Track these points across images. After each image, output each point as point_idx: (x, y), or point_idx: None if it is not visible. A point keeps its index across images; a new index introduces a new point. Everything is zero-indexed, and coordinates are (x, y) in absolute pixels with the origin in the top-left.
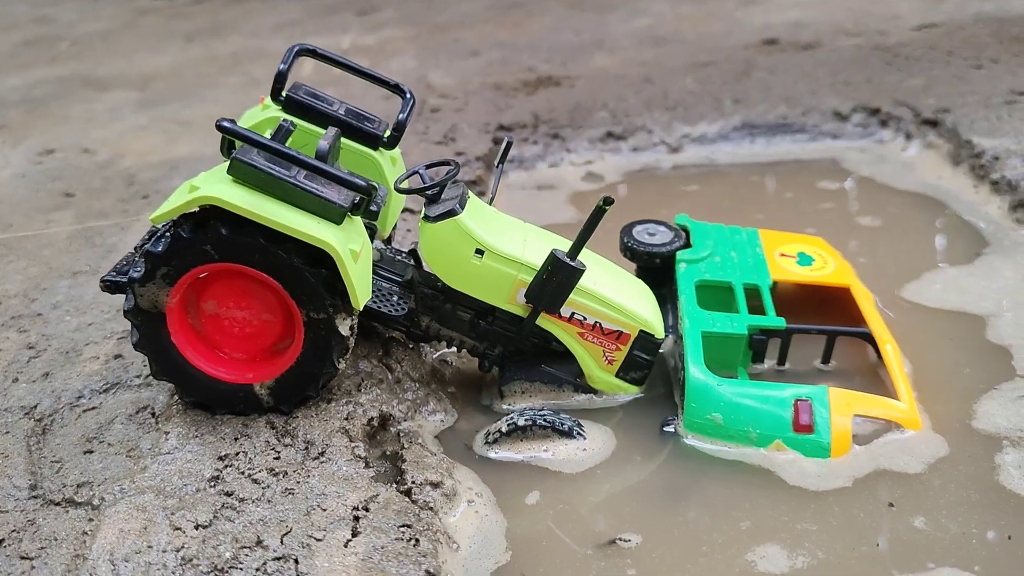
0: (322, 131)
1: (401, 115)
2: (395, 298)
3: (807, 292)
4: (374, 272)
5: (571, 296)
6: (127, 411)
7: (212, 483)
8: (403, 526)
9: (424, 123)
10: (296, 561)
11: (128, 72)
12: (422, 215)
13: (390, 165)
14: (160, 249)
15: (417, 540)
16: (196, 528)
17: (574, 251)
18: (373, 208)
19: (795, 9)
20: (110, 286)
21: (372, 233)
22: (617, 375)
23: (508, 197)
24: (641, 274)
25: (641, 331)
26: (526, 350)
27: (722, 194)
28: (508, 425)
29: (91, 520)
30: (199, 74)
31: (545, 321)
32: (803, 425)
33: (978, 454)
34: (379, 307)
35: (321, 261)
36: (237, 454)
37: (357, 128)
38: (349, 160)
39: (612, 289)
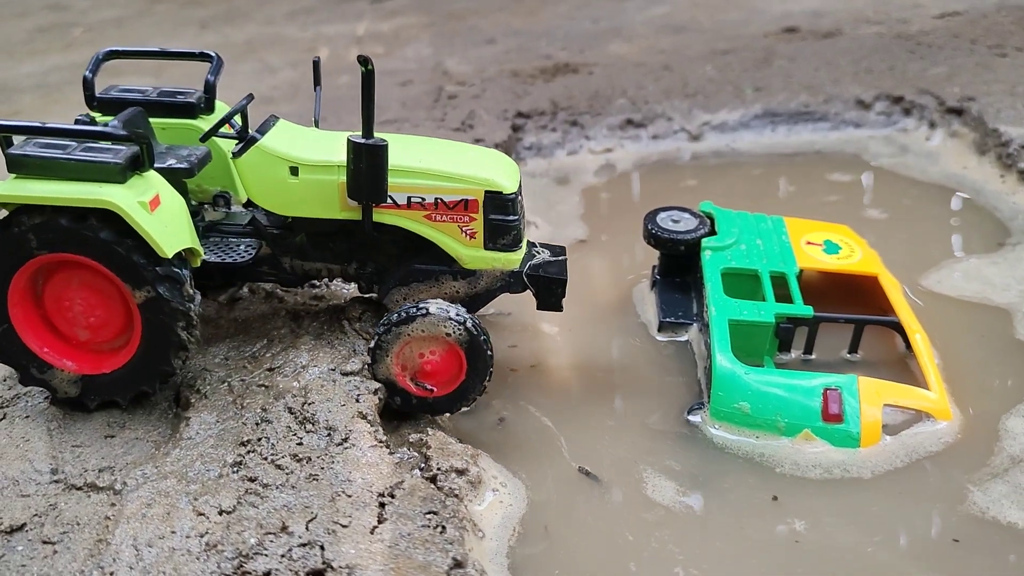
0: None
1: (209, 76)
2: (242, 247)
3: (834, 280)
4: (217, 231)
5: (398, 180)
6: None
7: (235, 468)
8: (429, 513)
9: (442, 110)
10: (322, 547)
11: None
12: (230, 156)
13: None
14: None
15: (443, 527)
16: (220, 514)
17: (366, 129)
18: (184, 167)
19: None
20: None
21: (227, 199)
22: (486, 248)
23: (525, 185)
24: (666, 262)
25: (486, 192)
26: (401, 256)
27: (741, 182)
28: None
29: (113, 505)
30: None
31: (388, 215)
32: (832, 415)
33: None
34: (222, 259)
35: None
36: (259, 439)
37: (170, 104)
38: (172, 136)
39: (441, 161)
